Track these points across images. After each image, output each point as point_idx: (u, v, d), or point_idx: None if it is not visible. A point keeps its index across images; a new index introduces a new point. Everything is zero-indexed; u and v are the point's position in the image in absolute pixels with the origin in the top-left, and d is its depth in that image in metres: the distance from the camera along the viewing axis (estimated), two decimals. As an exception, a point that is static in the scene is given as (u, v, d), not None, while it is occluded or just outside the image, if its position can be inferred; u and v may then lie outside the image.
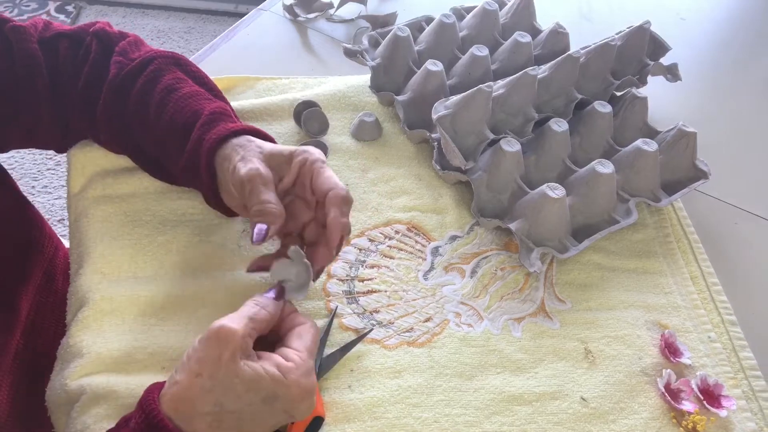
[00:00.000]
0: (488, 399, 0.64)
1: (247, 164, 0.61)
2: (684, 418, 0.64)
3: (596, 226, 0.78)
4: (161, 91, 0.68)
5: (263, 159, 0.62)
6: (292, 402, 0.53)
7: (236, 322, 0.52)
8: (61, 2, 2.78)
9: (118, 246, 0.71)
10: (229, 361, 0.50)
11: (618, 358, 0.69)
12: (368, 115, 0.87)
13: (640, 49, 0.96)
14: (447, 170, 0.81)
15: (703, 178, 0.84)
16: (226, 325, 0.51)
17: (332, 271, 0.72)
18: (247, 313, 0.54)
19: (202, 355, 0.51)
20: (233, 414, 0.51)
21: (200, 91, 0.69)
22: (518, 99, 0.84)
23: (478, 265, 0.75)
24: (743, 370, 0.70)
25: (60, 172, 2.10)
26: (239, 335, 0.51)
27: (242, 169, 0.60)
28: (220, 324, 0.51)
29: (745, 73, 1.13)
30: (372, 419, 0.62)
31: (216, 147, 0.63)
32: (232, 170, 0.62)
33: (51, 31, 0.72)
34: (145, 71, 0.70)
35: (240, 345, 0.51)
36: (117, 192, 0.75)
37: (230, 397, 0.51)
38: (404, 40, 0.89)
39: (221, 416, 0.51)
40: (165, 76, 0.69)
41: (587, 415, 0.64)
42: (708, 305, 0.75)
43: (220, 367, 0.50)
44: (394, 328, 0.69)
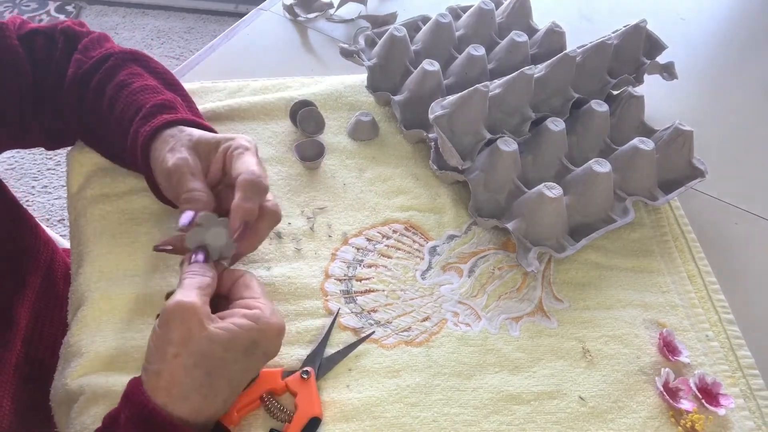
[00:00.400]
0: (486, 398, 0.64)
1: (174, 154, 0.62)
2: (682, 417, 0.64)
3: (593, 225, 0.78)
4: (113, 87, 0.69)
5: (191, 147, 0.63)
6: (269, 342, 0.56)
7: (189, 295, 0.53)
8: (61, 2, 2.77)
9: (117, 244, 0.71)
10: (200, 331, 0.51)
11: (616, 357, 0.69)
12: (365, 114, 0.87)
13: (636, 47, 0.96)
14: (444, 170, 0.81)
15: (699, 177, 0.84)
16: (182, 301, 0.52)
17: (330, 270, 0.72)
18: (193, 284, 0.55)
19: (172, 336, 0.51)
20: (222, 376, 0.53)
21: (151, 85, 0.70)
22: (515, 98, 0.84)
23: (476, 265, 0.75)
24: (741, 368, 0.70)
25: (60, 172, 2.10)
26: (198, 304, 0.52)
27: (170, 159, 0.61)
28: (175, 301, 0.52)
29: (745, 73, 1.13)
30: (370, 419, 0.62)
31: (149, 140, 0.64)
32: (161, 161, 0.62)
33: (25, 29, 0.73)
34: (101, 69, 0.71)
35: (203, 313, 0.52)
36: (115, 191, 0.75)
37: (214, 362, 0.52)
38: (400, 40, 0.89)
39: (212, 382, 0.52)
40: (120, 72, 0.71)
41: (585, 415, 0.64)
42: (705, 304, 0.75)
43: (194, 340, 0.51)
44: (392, 327, 0.69)
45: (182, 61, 2.02)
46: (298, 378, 0.62)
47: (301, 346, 0.66)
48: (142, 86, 0.69)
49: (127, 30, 2.66)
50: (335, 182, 0.81)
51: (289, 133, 0.86)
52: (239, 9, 2.78)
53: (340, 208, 0.78)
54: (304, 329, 0.67)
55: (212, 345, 0.52)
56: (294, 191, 0.79)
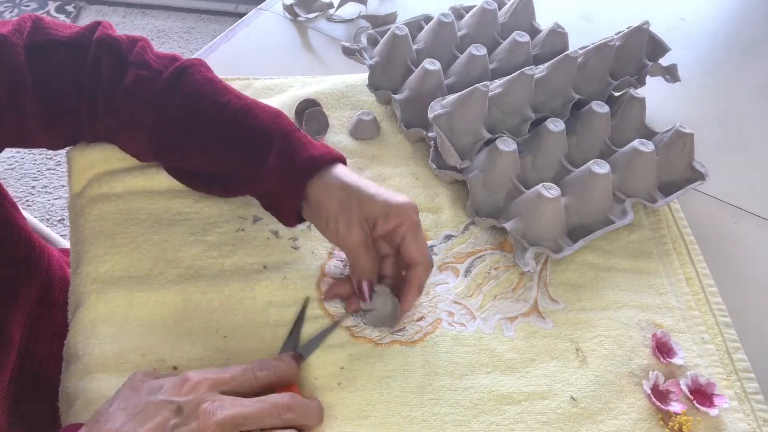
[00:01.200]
0: (477, 398, 0.64)
1: (350, 230, 0.63)
2: (671, 420, 0.64)
3: (592, 227, 0.78)
4: (209, 107, 0.68)
5: (363, 218, 0.63)
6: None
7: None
8: (61, 2, 2.79)
9: (113, 245, 0.71)
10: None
11: (609, 359, 0.69)
12: (366, 113, 0.87)
13: (639, 49, 0.96)
14: (443, 169, 0.82)
15: (700, 180, 0.84)
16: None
17: (326, 270, 0.73)
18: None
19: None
20: None
21: (252, 103, 0.68)
22: (515, 98, 0.84)
23: (473, 265, 0.76)
24: (736, 371, 0.69)
25: (60, 172, 2.11)
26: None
27: (347, 237, 0.63)
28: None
29: (746, 73, 1.13)
30: (360, 417, 0.62)
31: (309, 176, 0.64)
32: (332, 227, 0.64)
33: (43, 36, 0.68)
34: (178, 84, 0.68)
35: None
36: (113, 191, 0.76)
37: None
38: (402, 39, 0.89)
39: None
40: (205, 87, 0.69)
41: (576, 415, 0.64)
42: (702, 307, 0.75)
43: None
44: (386, 326, 0.69)
45: (182, 61, 2.04)
46: None
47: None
48: (247, 105, 0.68)
49: (127, 30, 2.65)
50: (334, 181, 0.81)
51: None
52: (239, 9, 2.78)
53: (338, 207, 0.79)
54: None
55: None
56: (293, 190, 0.80)
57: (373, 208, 0.63)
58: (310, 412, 0.56)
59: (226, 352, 0.65)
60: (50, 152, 2.14)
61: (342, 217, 0.63)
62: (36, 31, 0.68)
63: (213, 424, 0.50)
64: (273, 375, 0.57)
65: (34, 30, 0.68)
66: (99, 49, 0.68)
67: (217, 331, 0.67)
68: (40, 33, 0.68)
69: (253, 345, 0.66)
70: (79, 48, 0.68)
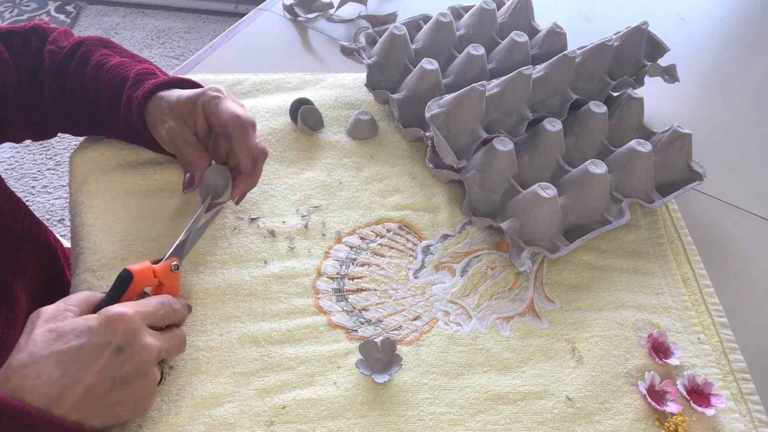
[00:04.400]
0: (473, 398, 0.64)
1: (163, 126, 0.69)
2: (667, 420, 0.64)
3: (588, 227, 0.78)
4: (92, 69, 0.75)
5: (171, 114, 0.69)
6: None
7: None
8: (61, 2, 2.79)
9: (109, 243, 0.72)
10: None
11: (605, 359, 0.68)
12: (364, 113, 0.87)
13: (637, 49, 0.95)
14: (440, 169, 0.82)
15: (698, 180, 0.84)
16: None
17: (322, 269, 0.73)
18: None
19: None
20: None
21: (126, 61, 0.76)
22: (512, 98, 0.84)
23: (469, 264, 0.76)
24: (732, 372, 0.69)
25: (60, 172, 2.10)
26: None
27: (161, 131, 0.69)
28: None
29: (745, 73, 1.13)
30: (356, 417, 0.62)
31: (143, 104, 0.71)
32: (157, 134, 0.71)
33: (2, 29, 0.77)
34: (75, 54, 0.76)
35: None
36: (110, 190, 0.76)
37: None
38: (400, 39, 0.89)
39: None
40: (93, 55, 0.76)
41: (572, 415, 0.64)
42: (699, 307, 0.75)
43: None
44: (382, 326, 0.69)
45: (182, 61, 2.03)
46: (167, 269, 0.62)
47: (291, 345, 0.66)
48: (118, 62, 0.75)
49: (127, 30, 2.68)
50: (331, 180, 0.81)
51: (289, 131, 0.86)
52: (239, 9, 2.78)
53: (335, 207, 0.79)
54: (294, 327, 0.68)
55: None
56: (290, 189, 0.80)
57: (178, 105, 0.69)
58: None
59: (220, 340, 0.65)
60: (50, 152, 2.14)
61: (161, 124, 0.70)
62: None
63: (149, 358, 0.53)
64: (184, 310, 0.61)
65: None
66: (31, 35, 0.78)
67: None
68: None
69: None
70: (25, 36, 0.78)
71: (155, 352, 0.54)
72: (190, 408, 0.61)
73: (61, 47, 0.77)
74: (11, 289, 0.74)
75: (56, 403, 0.49)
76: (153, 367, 0.55)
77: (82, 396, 0.50)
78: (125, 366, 0.52)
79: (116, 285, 0.58)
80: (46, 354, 0.51)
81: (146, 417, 0.60)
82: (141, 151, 0.80)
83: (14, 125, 0.79)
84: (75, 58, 0.76)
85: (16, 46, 0.77)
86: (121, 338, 0.52)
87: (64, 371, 0.50)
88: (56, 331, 0.52)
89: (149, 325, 0.56)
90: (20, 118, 0.78)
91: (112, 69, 0.75)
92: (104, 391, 0.51)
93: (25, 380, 0.49)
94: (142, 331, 0.54)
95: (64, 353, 0.51)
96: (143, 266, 0.60)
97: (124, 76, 0.74)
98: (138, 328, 0.53)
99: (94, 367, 0.51)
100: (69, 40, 0.78)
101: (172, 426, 0.60)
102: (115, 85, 0.74)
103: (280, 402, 0.62)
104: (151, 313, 0.56)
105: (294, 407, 0.62)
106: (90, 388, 0.50)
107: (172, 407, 0.61)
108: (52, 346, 0.51)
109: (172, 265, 0.63)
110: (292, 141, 0.85)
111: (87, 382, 0.50)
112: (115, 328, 0.52)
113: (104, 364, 0.51)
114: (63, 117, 0.78)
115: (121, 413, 0.54)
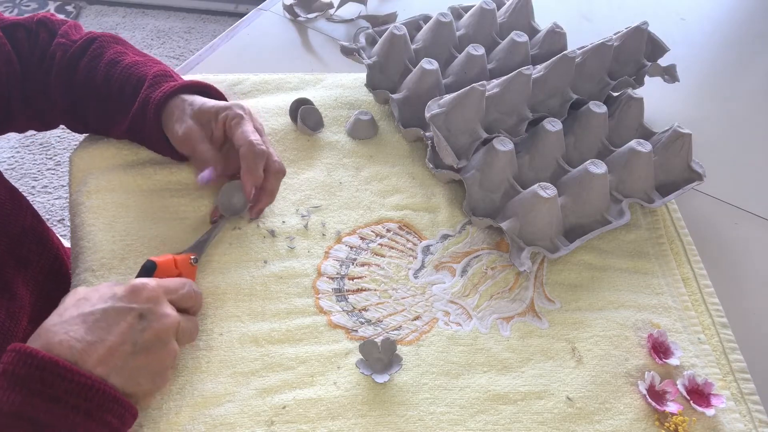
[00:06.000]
0: (473, 398, 0.64)
1: (182, 124, 0.72)
2: (667, 420, 0.64)
3: (588, 227, 0.78)
4: (106, 65, 0.76)
5: (194, 116, 0.72)
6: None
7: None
8: (61, 2, 2.79)
9: (109, 243, 0.72)
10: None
11: (605, 359, 0.69)
12: (364, 113, 0.87)
13: (637, 49, 0.95)
14: (440, 169, 0.82)
15: (698, 180, 0.84)
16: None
17: (322, 269, 0.73)
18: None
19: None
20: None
21: (141, 60, 0.78)
22: (512, 98, 0.84)
23: (469, 264, 0.76)
24: (732, 372, 0.69)
25: (60, 172, 2.10)
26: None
27: (179, 129, 0.72)
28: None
29: (745, 74, 1.13)
30: (356, 417, 0.62)
31: (161, 105, 0.72)
32: (171, 129, 0.72)
33: (7, 21, 0.78)
34: (88, 50, 0.77)
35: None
36: (110, 189, 0.76)
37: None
38: (400, 39, 0.89)
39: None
40: (107, 51, 0.78)
41: (572, 415, 0.64)
42: (699, 307, 0.75)
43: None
44: (382, 326, 0.69)
45: (182, 61, 2.03)
46: (186, 261, 0.67)
47: (291, 344, 0.66)
48: (134, 61, 0.77)
49: (127, 30, 2.67)
50: (331, 180, 0.81)
51: (289, 131, 0.86)
52: (239, 9, 2.78)
53: (335, 207, 0.79)
54: (294, 327, 0.68)
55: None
56: (290, 190, 0.80)
57: (203, 109, 0.72)
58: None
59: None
60: (50, 152, 2.14)
61: (179, 123, 0.72)
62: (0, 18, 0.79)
63: (170, 328, 0.57)
64: (201, 296, 0.64)
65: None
66: (38, 27, 0.79)
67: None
68: (3, 19, 0.79)
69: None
70: (31, 28, 0.79)
71: (175, 324, 0.57)
72: (191, 407, 0.61)
73: (73, 41, 0.78)
74: (14, 283, 0.74)
75: (81, 357, 0.52)
76: (172, 338, 0.57)
77: (105, 354, 0.53)
78: (146, 332, 0.55)
79: (140, 274, 0.63)
80: (74, 315, 0.54)
81: (146, 416, 0.60)
82: (141, 151, 0.80)
83: (19, 116, 0.80)
84: (88, 53, 0.77)
85: (20, 38, 0.77)
86: (143, 305, 0.56)
87: (88, 329, 0.53)
88: (84, 298, 0.56)
89: (170, 302, 0.59)
90: (25, 110, 0.79)
91: (129, 67, 0.76)
92: (126, 354, 0.54)
93: (54, 336, 0.53)
94: (163, 301, 0.57)
95: (89, 314, 0.54)
96: (166, 258, 0.64)
97: (142, 75, 0.75)
98: (160, 297, 0.57)
99: (116, 328, 0.54)
100: (80, 34, 0.79)
101: (173, 425, 0.60)
102: (131, 83, 0.75)
103: (280, 402, 0.62)
104: (173, 288, 0.60)
105: (294, 407, 0.62)
106: (112, 348, 0.53)
107: (173, 406, 0.61)
108: (80, 308, 0.55)
109: (192, 259, 0.67)
110: (292, 141, 0.85)
111: (110, 342, 0.53)
112: (138, 295, 0.56)
113: (127, 327, 0.54)
114: (67, 109, 0.79)
115: (140, 380, 0.56)
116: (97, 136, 0.82)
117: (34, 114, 0.80)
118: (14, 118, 0.79)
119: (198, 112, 0.72)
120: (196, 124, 0.72)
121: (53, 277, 0.82)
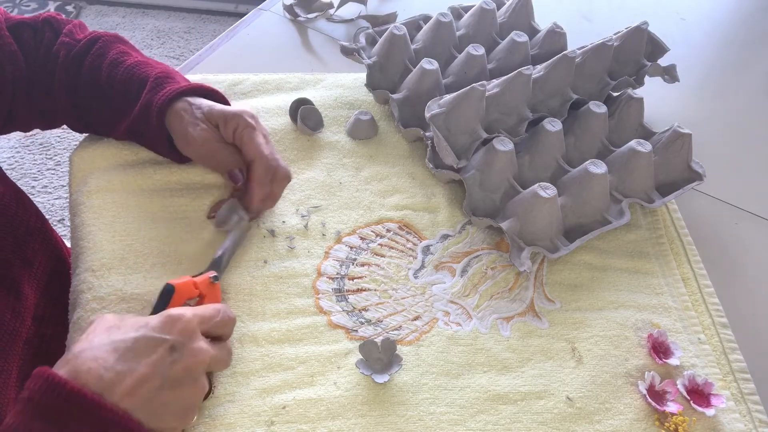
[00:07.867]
0: (473, 398, 0.64)
1: (195, 128, 0.72)
2: (667, 420, 0.64)
3: (588, 227, 0.78)
4: (109, 65, 0.76)
5: (205, 119, 0.72)
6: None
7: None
8: (61, 2, 2.79)
9: (109, 243, 0.71)
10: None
11: (605, 359, 0.69)
12: (364, 113, 0.87)
13: (637, 49, 0.95)
14: (440, 169, 0.82)
15: (698, 180, 0.84)
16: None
17: (322, 269, 0.73)
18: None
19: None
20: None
21: (143, 61, 0.78)
22: (512, 98, 0.84)
23: (469, 264, 0.76)
24: (732, 372, 0.69)
25: (60, 172, 2.10)
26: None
27: (193, 132, 0.72)
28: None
29: (746, 73, 1.13)
30: (356, 417, 0.62)
31: (164, 107, 0.72)
32: (183, 133, 0.72)
33: (13, 20, 0.78)
34: (92, 49, 0.77)
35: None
36: (110, 189, 0.76)
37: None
38: (400, 39, 0.89)
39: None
40: (110, 51, 0.78)
41: (572, 415, 0.64)
42: (699, 307, 0.75)
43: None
44: (382, 326, 0.69)
45: (182, 61, 2.03)
46: (206, 281, 0.64)
47: (291, 344, 0.66)
48: (137, 61, 0.77)
49: (127, 30, 2.67)
50: (331, 180, 0.81)
51: (289, 131, 0.86)
52: (239, 9, 2.79)
53: (335, 207, 0.79)
54: (294, 327, 0.68)
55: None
56: (290, 190, 0.80)
57: (212, 113, 0.72)
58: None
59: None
60: (50, 152, 2.14)
61: (191, 126, 0.72)
62: (7, 17, 0.79)
63: (201, 363, 0.54)
64: (234, 320, 0.61)
65: (6, 16, 0.79)
66: (44, 26, 0.79)
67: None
68: (9, 18, 0.79)
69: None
70: (37, 27, 0.79)
71: (207, 358, 0.55)
72: (190, 408, 0.61)
73: (77, 40, 0.78)
74: (19, 282, 0.74)
75: (109, 388, 0.50)
76: (202, 375, 0.55)
77: (134, 386, 0.51)
78: (176, 365, 0.53)
79: (159, 299, 0.60)
80: (105, 342, 0.52)
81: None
82: (141, 151, 0.80)
83: (23, 116, 0.80)
84: (92, 53, 0.77)
85: (26, 37, 0.77)
86: (177, 337, 0.53)
87: (118, 358, 0.51)
88: (115, 326, 0.54)
89: (203, 332, 0.56)
90: (30, 109, 0.79)
91: (132, 67, 0.76)
92: (154, 388, 0.52)
93: (83, 364, 0.50)
94: (197, 334, 0.55)
95: (120, 342, 0.52)
96: (184, 280, 0.62)
97: (144, 75, 0.75)
98: (194, 330, 0.55)
99: (146, 359, 0.51)
100: (84, 33, 0.79)
101: (172, 426, 0.60)
102: (133, 84, 0.75)
103: (280, 402, 0.62)
104: (208, 317, 0.57)
105: (294, 407, 0.62)
106: (141, 380, 0.51)
107: (172, 407, 0.61)
108: (111, 336, 0.53)
109: (211, 277, 0.65)
110: (292, 141, 0.85)
111: (139, 372, 0.51)
112: (172, 326, 0.54)
113: (157, 358, 0.52)
114: (70, 108, 0.79)
115: (166, 417, 0.53)
116: (97, 136, 0.82)
117: (39, 113, 0.80)
118: (19, 117, 0.79)
119: (207, 115, 0.73)
120: (209, 125, 0.73)
121: (56, 276, 0.82)
